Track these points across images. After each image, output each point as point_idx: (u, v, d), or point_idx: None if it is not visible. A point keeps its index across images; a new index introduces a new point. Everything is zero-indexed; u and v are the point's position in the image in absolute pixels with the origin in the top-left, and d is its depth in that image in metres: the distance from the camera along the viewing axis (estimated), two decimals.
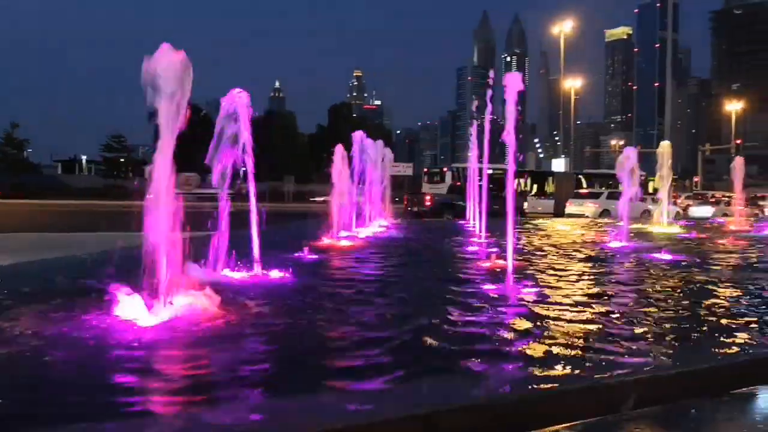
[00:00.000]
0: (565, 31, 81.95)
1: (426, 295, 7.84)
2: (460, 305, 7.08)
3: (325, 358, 4.96)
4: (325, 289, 8.27)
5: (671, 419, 4.29)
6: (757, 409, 4.70)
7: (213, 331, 5.63)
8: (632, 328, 6.14)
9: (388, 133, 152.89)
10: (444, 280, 9.02)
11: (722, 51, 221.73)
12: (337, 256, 12.21)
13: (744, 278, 9.86)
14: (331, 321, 6.27)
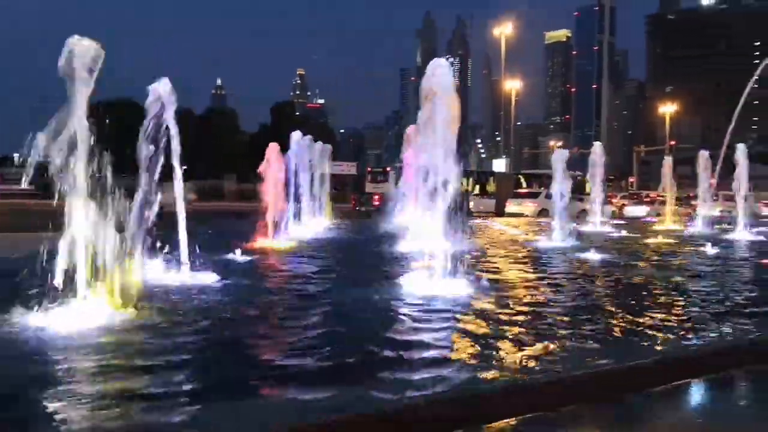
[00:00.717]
0: (506, 33, 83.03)
1: (351, 301, 7.71)
2: (387, 309, 7.12)
3: (247, 369, 4.92)
4: (252, 292, 8.18)
5: (606, 414, 4.41)
6: (687, 403, 4.87)
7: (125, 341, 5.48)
8: (560, 328, 6.27)
9: (331, 132, 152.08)
10: (372, 282, 8.91)
11: (657, 54, 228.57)
12: (269, 258, 12.10)
13: (665, 277, 10.16)
14: (255, 330, 6.17)
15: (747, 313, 7.25)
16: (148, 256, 8.53)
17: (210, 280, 8.59)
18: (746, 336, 6.19)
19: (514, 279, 9.77)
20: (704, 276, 10.60)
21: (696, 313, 7.21)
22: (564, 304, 7.62)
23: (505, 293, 8.26)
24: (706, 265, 12.36)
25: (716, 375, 5.29)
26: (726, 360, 5.57)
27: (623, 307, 7.35)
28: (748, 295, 8.63)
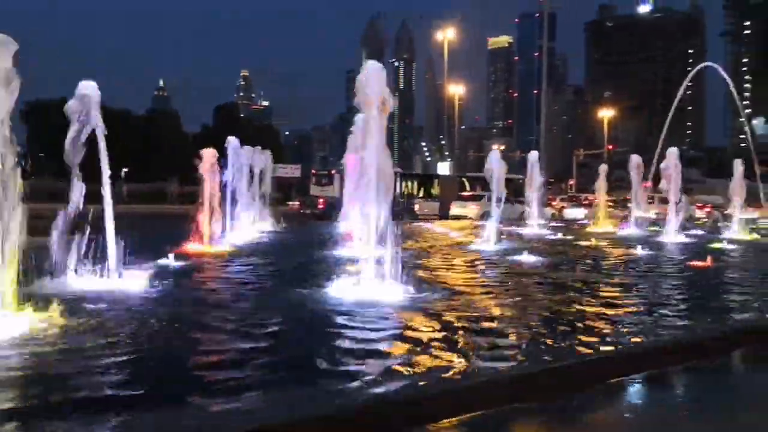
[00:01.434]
0: (449, 38, 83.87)
1: (282, 307, 7.60)
2: (319, 316, 7.08)
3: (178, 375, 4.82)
4: (179, 299, 8.01)
5: (549, 413, 4.48)
6: (626, 399, 4.98)
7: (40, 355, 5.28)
8: (497, 329, 6.34)
9: (276, 133, 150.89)
10: (305, 288, 8.83)
11: (595, 60, 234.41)
12: (203, 263, 11.91)
13: (593, 279, 10.40)
14: (176, 338, 6.02)
15: (670, 313, 7.47)
16: (73, 262, 8.29)
17: (137, 287, 8.37)
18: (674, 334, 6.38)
19: (449, 282, 9.84)
20: (631, 277, 10.89)
21: (622, 313, 7.38)
22: (497, 306, 7.70)
23: (440, 297, 8.31)
24: (633, 267, 12.71)
25: (647, 373, 5.42)
26: (647, 359, 5.72)
27: (554, 310, 7.48)
28: (669, 295, 8.89)
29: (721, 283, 10.50)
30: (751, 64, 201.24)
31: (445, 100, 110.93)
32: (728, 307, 8.14)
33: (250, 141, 24.86)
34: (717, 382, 5.49)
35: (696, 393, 5.23)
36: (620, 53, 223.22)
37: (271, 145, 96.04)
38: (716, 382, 5.47)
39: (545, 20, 55.68)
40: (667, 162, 21.10)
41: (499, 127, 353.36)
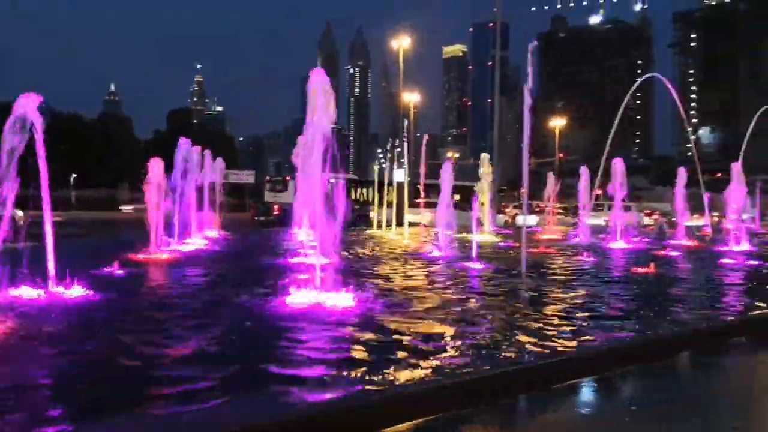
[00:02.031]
0: (404, 46, 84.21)
1: (226, 316, 7.55)
2: (262, 325, 7.04)
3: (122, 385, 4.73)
4: (121, 308, 7.88)
5: (500, 415, 4.52)
6: (577, 401, 5.06)
7: None
8: (443, 336, 6.38)
9: (230, 139, 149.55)
10: (250, 297, 8.75)
11: (548, 70, 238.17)
12: (148, 271, 11.72)
13: (539, 286, 10.57)
14: (114, 348, 5.91)
15: (612, 317, 7.64)
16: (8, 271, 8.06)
17: (78, 296, 8.19)
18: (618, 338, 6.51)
19: (396, 289, 9.88)
20: (576, 282, 11.09)
21: (572, 318, 7.51)
22: (442, 313, 7.76)
23: (385, 304, 8.33)
24: (577, 273, 12.94)
25: (591, 377, 5.52)
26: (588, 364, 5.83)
27: (501, 315, 7.58)
28: (608, 302, 9.07)
29: (662, 290, 10.76)
30: (698, 75, 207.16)
31: (400, 107, 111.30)
32: (668, 313, 8.33)
33: (204, 146, 24.57)
34: (660, 385, 5.62)
35: (638, 396, 5.35)
36: (572, 63, 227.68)
37: (225, 151, 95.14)
38: (659, 386, 5.59)
39: (498, 30, 56.16)
40: (612, 171, 21.57)
41: (454, 135, 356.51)
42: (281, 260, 13.72)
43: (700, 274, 13.41)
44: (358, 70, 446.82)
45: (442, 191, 17.01)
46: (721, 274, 13.17)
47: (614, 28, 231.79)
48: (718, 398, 5.27)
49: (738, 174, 20.80)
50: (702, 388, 5.58)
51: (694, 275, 13.16)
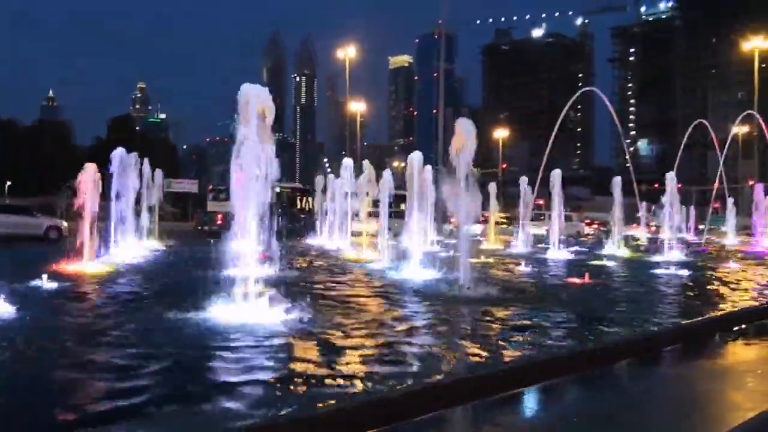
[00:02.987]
0: (350, 56, 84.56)
1: (159, 333, 7.35)
2: (196, 341, 6.90)
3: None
4: (46, 324, 7.60)
5: (444, 424, 4.49)
6: (521, 410, 5.07)
7: None
8: (377, 347, 6.34)
9: (173, 147, 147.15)
10: (183, 311, 8.52)
11: (491, 82, 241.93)
12: (80, 285, 11.33)
13: (475, 295, 10.65)
14: (41, 367, 5.71)
15: (543, 329, 7.74)
16: None
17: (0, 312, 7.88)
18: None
19: (332, 302, 9.82)
20: (516, 293, 11.23)
21: (503, 330, 7.58)
22: (377, 325, 7.74)
23: (320, 317, 8.26)
24: (514, 283, 13.11)
25: (532, 386, 5.54)
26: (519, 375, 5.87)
27: (441, 328, 7.60)
28: (544, 315, 9.20)
29: (594, 299, 10.97)
30: (636, 89, 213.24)
31: (347, 116, 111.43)
32: (602, 323, 8.49)
33: (146, 154, 24.05)
34: (593, 396, 5.69)
35: (573, 406, 5.41)
36: (515, 75, 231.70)
37: (168, 159, 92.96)
38: (592, 397, 5.66)
39: (443, 42, 56.85)
40: (551, 182, 21.99)
41: (400, 145, 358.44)
42: (217, 272, 13.39)
43: (633, 284, 13.73)
44: (305, 79, 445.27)
45: (381, 201, 17.02)
46: (654, 284, 13.51)
47: (556, 42, 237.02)
48: (654, 407, 5.36)
49: (672, 184, 21.42)
50: (636, 398, 5.66)
51: (627, 285, 13.45)
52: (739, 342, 7.31)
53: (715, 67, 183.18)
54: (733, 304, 10.64)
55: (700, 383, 5.35)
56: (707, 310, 9.76)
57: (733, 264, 19.17)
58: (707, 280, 14.46)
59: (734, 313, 9.59)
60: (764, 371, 5.72)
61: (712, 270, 17.53)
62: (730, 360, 6.19)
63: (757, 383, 5.27)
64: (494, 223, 29.48)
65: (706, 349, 7.02)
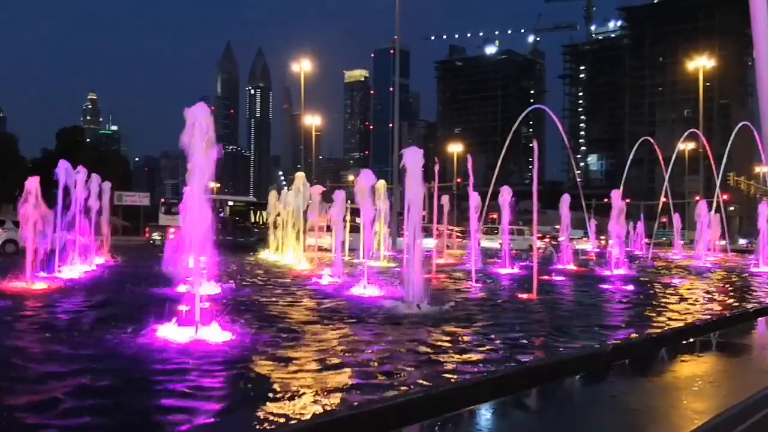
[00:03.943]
0: (305, 69, 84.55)
1: (99, 353, 7.18)
2: (137, 363, 6.79)
3: None
4: None
5: None
6: (470, 428, 5.09)
7: None
8: (322, 368, 6.32)
9: (125, 160, 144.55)
10: (126, 331, 8.34)
11: (446, 98, 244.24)
12: (19, 302, 10.98)
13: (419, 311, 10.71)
14: None
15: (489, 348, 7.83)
16: None
17: None
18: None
19: (283, 321, 9.75)
20: (465, 309, 11.32)
21: (448, 347, 7.63)
22: (328, 345, 7.72)
23: (270, 337, 8.21)
24: (463, 299, 13.22)
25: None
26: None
27: (386, 347, 7.61)
28: (493, 332, 9.30)
29: (543, 314, 11.13)
30: (586, 105, 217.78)
31: (302, 130, 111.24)
32: (549, 339, 8.62)
33: (96, 167, 23.54)
34: (533, 417, 5.75)
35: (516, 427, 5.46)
36: (468, 92, 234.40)
37: (119, 172, 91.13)
38: (532, 418, 5.72)
39: (397, 57, 57.33)
40: (500, 197, 22.23)
41: (356, 158, 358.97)
42: (165, 289, 13.18)
43: (582, 299, 13.96)
44: (260, 91, 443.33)
45: (333, 215, 17.02)
46: (601, 299, 13.77)
47: (508, 58, 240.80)
48: (600, 424, 5.45)
49: (617, 200, 21.89)
50: (581, 415, 5.75)
51: (575, 300, 13.67)
52: (681, 357, 7.48)
53: (662, 84, 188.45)
54: (677, 318, 10.89)
55: (637, 400, 5.46)
56: (652, 325, 9.99)
57: (677, 279, 19.68)
58: (652, 295, 14.80)
59: (679, 328, 9.83)
60: (700, 387, 5.87)
61: (657, 284, 17.95)
62: (669, 376, 6.34)
63: (690, 400, 5.41)
64: (448, 237, 29.69)
65: (650, 364, 7.17)
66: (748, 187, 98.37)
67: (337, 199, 17.09)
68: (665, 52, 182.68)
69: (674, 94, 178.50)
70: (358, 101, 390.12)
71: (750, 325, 10.24)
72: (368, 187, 13.66)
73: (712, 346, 8.09)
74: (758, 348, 7.71)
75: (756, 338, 8.76)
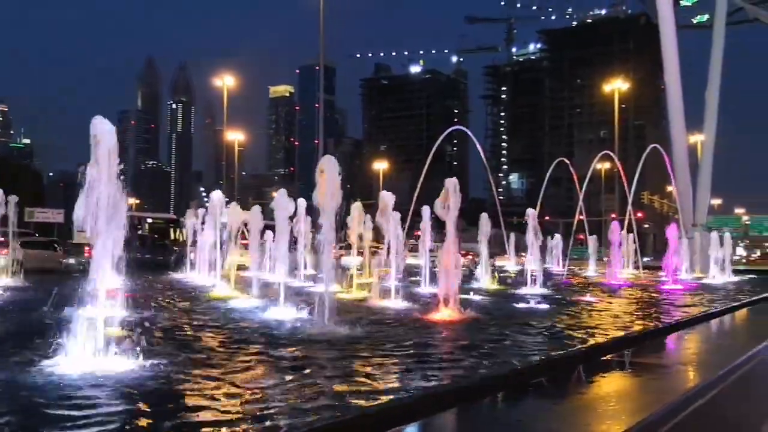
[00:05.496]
0: (229, 84, 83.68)
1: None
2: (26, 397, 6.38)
3: None
4: None
5: None
6: None
7: None
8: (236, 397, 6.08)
9: (37, 174, 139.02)
10: (20, 361, 7.93)
11: (372, 115, 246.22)
12: None
13: (341, 333, 10.55)
14: None
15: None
16: None
17: None
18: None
19: (187, 346, 9.42)
20: (379, 331, 11.23)
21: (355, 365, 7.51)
22: (238, 371, 7.48)
23: (179, 364, 7.89)
24: (378, 320, 13.12)
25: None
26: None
27: (291, 376, 7.43)
28: (410, 352, 9.23)
29: (457, 335, 11.14)
30: (508, 126, 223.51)
31: (225, 145, 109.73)
32: (460, 358, 8.60)
33: (5, 181, 22.44)
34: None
35: None
36: (393, 110, 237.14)
37: (30, 187, 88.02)
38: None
39: (321, 73, 57.48)
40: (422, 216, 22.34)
41: (281, 175, 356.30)
42: (72, 311, 12.52)
43: (498, 318, 14.05)
44: (181, 106, 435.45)
45: (250, 233, 16.74)
46: (519, 317, 13.90)
47: (433, 78, 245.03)
48: None
49: (533, 219, 22.36)
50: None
51: (493, 320, 13.71)
52: (591, 377, 7.58)
53: (581, 106, 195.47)
54: (592, 336, 11.07)
55: (542, 425, 5.47)
56: (565, 345, 10.11)
57: (590, 297, 20.18)
58: (567, 313, 15.06)
59: (589, 347, 9.99)
60: (604, 409, 5.93)
61: (572, 303, 18.35)
62: (576, 397, 6.39)
63: (593, 423, 5.45)
64: (366, 257, 29.57)
65: (563, 384, 7.22)
66: (661, 205, 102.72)
67: (254, 217, 16.80)
68: (583, 74, 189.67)
69: (592, 115, 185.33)
70: (283, 117, 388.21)
71: (656, 342, 10.54)
72: (284, 206, 13.45)
73: (619, 365, 8.25)
74: (661, 366, 7.89)
75: (660, 357, 8.99)
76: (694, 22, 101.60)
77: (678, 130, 46.64)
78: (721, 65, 49.09)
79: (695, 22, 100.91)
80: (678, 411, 5.70)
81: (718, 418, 6.87)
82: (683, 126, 46.97)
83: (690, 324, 12.91)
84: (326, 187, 11.52)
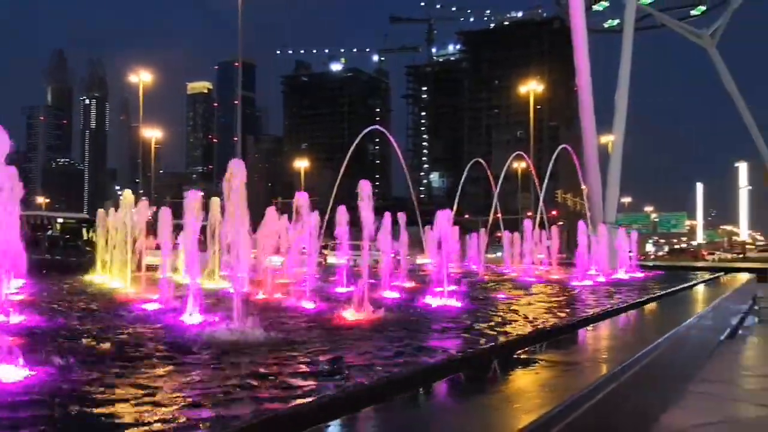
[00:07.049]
0: (144, 80, 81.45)
1: None
2: None
3: None
4: None
5: None
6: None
7: None
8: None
9: None
10: None
11: (293, 113, 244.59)
12: None
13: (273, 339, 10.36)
14: None
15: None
16: None
17: None
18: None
19: (92, 356, 9.05)
20: (295, 335, 11.09)
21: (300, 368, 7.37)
22: (157, 379, 7.21)
23: (80, 374, 7.54)
24: (293, 324, 13.00)
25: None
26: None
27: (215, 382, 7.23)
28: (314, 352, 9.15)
29: (372, 335, 11.12)
30: (429, 124, 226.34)
31: (141, 142, 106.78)
32: (380, 357, 8.56)
33: None
34: None
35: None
36: (314, 107, 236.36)
37: None
38: None
39: (240, 70, 56.81)
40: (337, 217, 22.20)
41: (199, 172, 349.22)
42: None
43: (412, 316, 14.13)
44: (95, 102, 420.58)
45: (160, 235, 16.25)
46: (429, 316, 14.00)
47: (354, 76, 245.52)
48: None
49: (443, 219, 22.52)
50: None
51: (405, 319, 13.76)
52: (504, 372, 7.64)
53: (499, 107, 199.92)
54: (505, 332, 11.25)
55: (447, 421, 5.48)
56: (480, 342, 10.20)
57: (502, 294, 20.59)
58: (482, 311, 15.27)
59: (505, 342, 10.12)
60: (510, 408, 5.98)
61: (486, 300, 18.67)
62: (481, 396, 6.44)
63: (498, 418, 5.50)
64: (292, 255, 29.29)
65: (474, 381, 7.27)
66: (575, 203, 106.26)
67: (164, 217, 16.32)
68: (501, 75, 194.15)
69: (509, 116, 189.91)
70: (201, 113, 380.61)
71: (567, 337, 10.77)
72: (194, 205, 13.10)
73: (527, 361, 8.36)
74: (566, 363, 8.05)
75: (568, 352, 9.18)
76: (605, 26, 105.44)
77: (589, 131, 48.36)
78: (630, 68, 51.17)
79: (606, 27, 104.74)
80: (581, 403, 5.81)
81: (620, 408, 7.09)
82: (593, 126, 48.76)
83: (597, 319, 13.28)
84: (233, 195, 11.44)
